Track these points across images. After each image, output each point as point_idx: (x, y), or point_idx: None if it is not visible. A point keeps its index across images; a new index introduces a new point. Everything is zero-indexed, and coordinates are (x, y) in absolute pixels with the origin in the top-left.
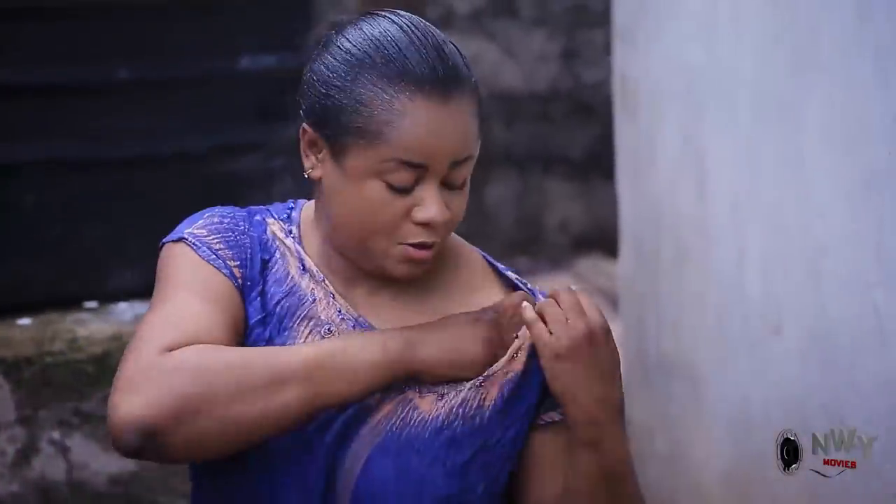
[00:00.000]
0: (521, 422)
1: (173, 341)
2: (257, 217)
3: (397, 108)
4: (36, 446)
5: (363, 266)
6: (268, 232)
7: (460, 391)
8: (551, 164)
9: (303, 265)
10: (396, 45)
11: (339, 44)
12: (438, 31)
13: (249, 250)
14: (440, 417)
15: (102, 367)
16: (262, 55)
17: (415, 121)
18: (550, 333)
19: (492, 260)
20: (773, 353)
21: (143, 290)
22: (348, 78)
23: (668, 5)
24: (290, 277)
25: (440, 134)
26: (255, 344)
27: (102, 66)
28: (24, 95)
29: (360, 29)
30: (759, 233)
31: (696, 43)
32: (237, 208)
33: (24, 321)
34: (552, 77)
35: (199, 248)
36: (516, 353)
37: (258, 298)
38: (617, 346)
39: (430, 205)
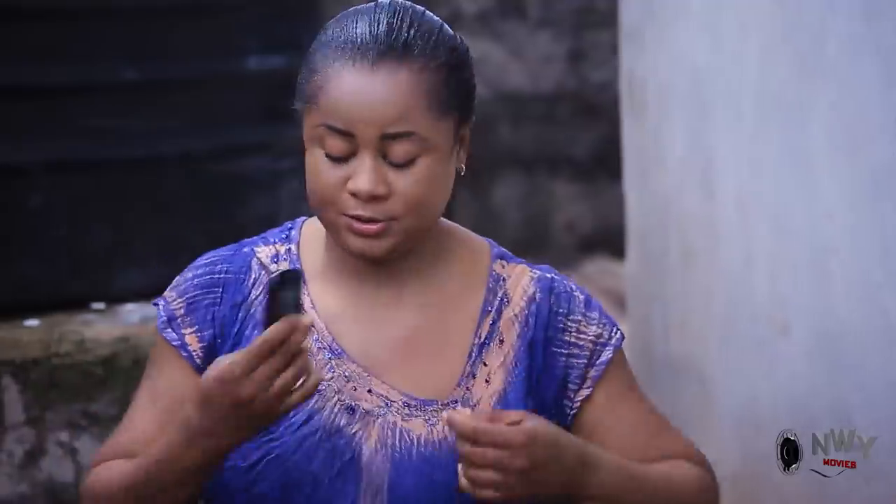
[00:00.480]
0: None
1: (105, 454)
2: (245, 249)
3: (329, 73)
4: (44, 448)
5: (339, 245)
6: (252, 264)
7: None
8: (558, 164)
9: None
10: (355, 18)
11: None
12: (421, 13)
13: (216, 308)
14: (450, 439)
15: (110, 368)
16: (268, 55)
17: (339, 86)
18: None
19: (500, 254)
20: (780, 353)
21: (151, 290)
22: (311, 50)
23: (675, 6)
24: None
25: (363, 102)
26: None
27: (108, 67)
28: (29, 96)
29: (348, 12)
30: (767, 233)
31: (702, 44)
32: (227, 248)
33: (31, 322)
34: (558, 78)
35: (163, 327)
36: (489, 375)
37: (234, 349)
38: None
39: (358, 175)
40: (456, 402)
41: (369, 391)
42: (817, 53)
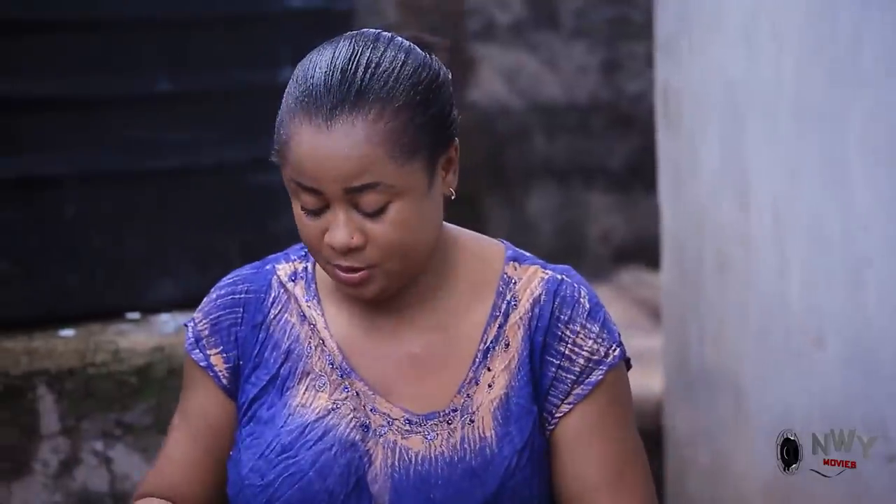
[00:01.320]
0: (530, 434)
1: (146, 491)
2: (267, 267)
3: (291, 129)
4: (78, 457)
5: None
6: (273, 283)
7: (452, 431)
8: (592, 175)
9: (302, 313)
10: (314, 66)
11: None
12: (383, 48)
13: (237, 328)
14: (446, 454)
15: (145, 378)
16: None
17: (299, 143)
18: None
19: (513, 256)
20: (815, 364)
21: (185, 301)
22: (283, 98)
23: (710, 17)
24: (288, 333)
25: (322, 160)
26: (257, 417)
27: (143, 78)
28: (65, 107)
29: (314, 50)
30: (802, 244)
31: (737, 55)
32: (251, 266)
33: (67, 333)
34: (593, 89)
35: (191, 348)
36: (492, 380)
37: (254, 373)
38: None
39: (332, 230)
40: (455, 410)
41: (372, 410)
42: (852, 63)
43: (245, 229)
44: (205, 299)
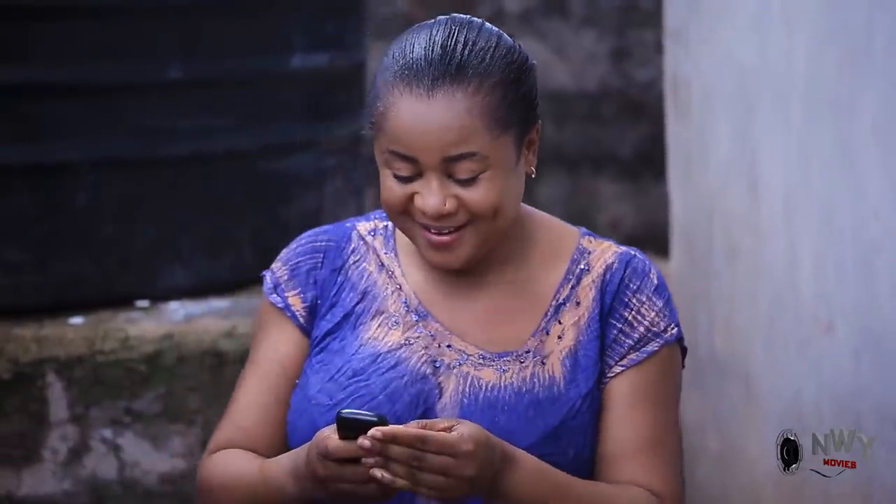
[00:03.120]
0: (595, 384)
1: (220, 442)
2: (347, 224)
3: (390, 101)
4: (88, 445)
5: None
6: (353, 236)
7: (524, 367)
8: (602, 163)
9: (381, 262)
10: (413, 42)
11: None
12: (477, 30)
13: (317, 271)
14: (515, 384)
15: (154, 366)
16: (313, 53)
17: (399, 113)
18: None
19: (587, 232)
20: (825, 351)
21: (195, 289)
22: (378, 73)
23: (720, 4)
24: (365, 278)
25: (422, 129)
26: (329, 348)
27: (154, 65)
28: (76, 94)
29: (407, 31)
30: (812, 231)
31: (748, 42)
32: (330, 225)
33: (76, 320)
34: (602, 76)
35: (269, 293)
36: (562, 332)
37: (330, 311)
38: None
39: (425, 196)
40: (528, 351)
41: (448, 346)
42: (864, 51)
43: (256, 216)
44: (284, 250)
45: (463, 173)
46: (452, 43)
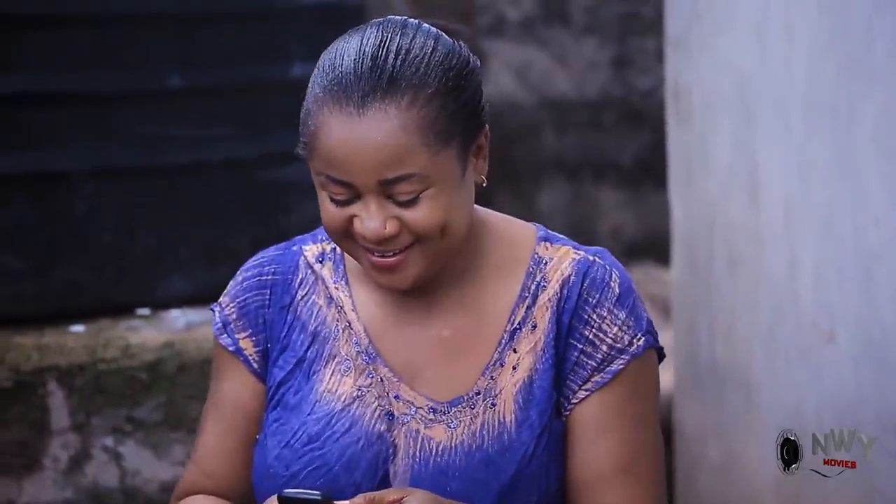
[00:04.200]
0: (549, 419)
1: (186, 487)
2: (294, 248)
3: (321, 119)
4: (89, 453)
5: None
6: (300, 263)
7: (475, 417)
8: (602, 171)
9: (330, 295)
10: (342, 55)
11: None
12: (412, 35)
13: (265, 310)
14: (465, 442)
15: (155, 374)
16: (312, 63)
17: (330, 133)
18: None
19: (545, 236)
20: (826, 360)
21: (196, 297)
22: (309, 87)
23: (721, 13)
24: (315, 315)
25: (354, 151)
26: (284, 402)
27: (154, 74)
28: (75, 103)
29: (339, 38)
30: (813, 239)
31: (748, 50)
32: (277, 247)
33: (77, 328)
34: (603, 84)
35: (219, 333)
36: (517, 362)
37: (281, 355)
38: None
39: (364, 220)
40: (478, 393)
41: (396, 397)
42: (864, 58)
43: (255, 225)
44: (231, 283)
45: (403, 195)
46: (384, 53)
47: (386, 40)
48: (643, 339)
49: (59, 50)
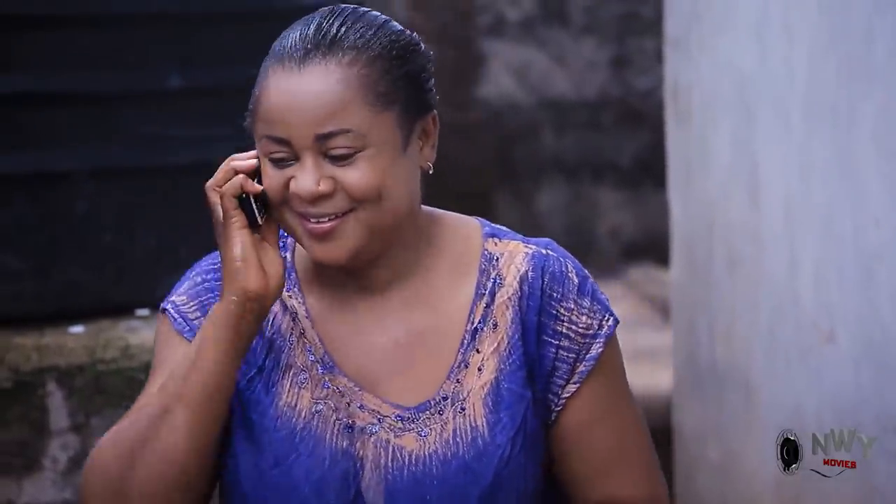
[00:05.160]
0: (523, 419)
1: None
2: None
3: (264, 84)
4: (88, 454)
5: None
6: None
7: (445, 423)
8: (602, 171)
9: (283, 303)
10: (291, 29)
11: None
12: (361, 13)
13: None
14: (439, 450)
15: None
16: None
17: (269, 93)
18: None
19: (491, 232)
20: (826, 360)
21: None
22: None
23: (720, 13)
24: (271, 322)
25: (291, 105)
26: (247, 418)
27: (153, 74)
28: (75, 103)
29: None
30: (812, 240)
31: (748, 50)
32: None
33: (77, 329)
34: (602, 85)
35: (176, 320)
36: (482, 363)
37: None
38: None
39: (298, 178)
40: (445, 398)
41: (360, 407)
42: (864, 58)
43: None
44: (185, 284)
45: (339, 152)
46: (330, 21)
47: (336, 13)
48: (610, 318)
49: (58, 50)
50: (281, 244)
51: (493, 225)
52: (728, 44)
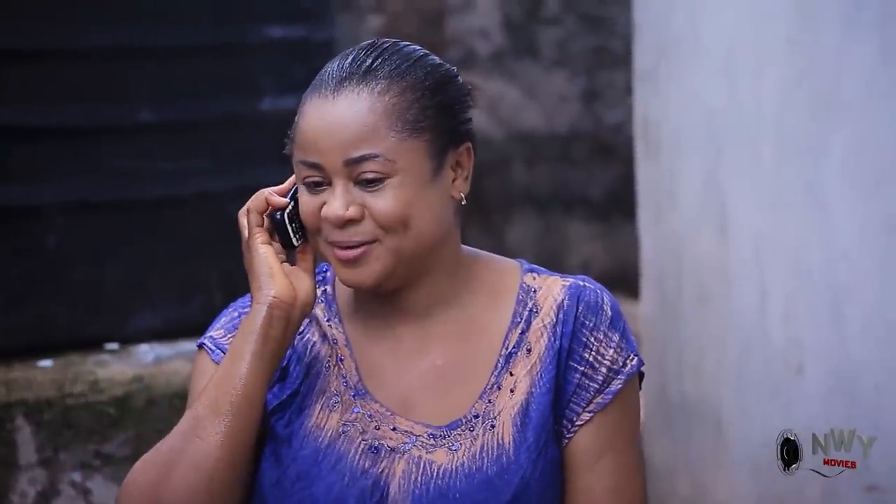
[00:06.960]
0: (545, 443)
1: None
2: None
3: (301, 110)
4: (57, 488)
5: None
6: None
7: (474, 439)
8: (572, 204)
9: (324, 332)
10: (333, 59)
11: None
12: (401, 47)
13: None
14: (466, 464)
15: (124, 408)
16: (283, 97)
17: (304, 119)
18: None
19: (531, 269)
20: (795, 394)
21: (165, 331)
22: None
23: (689, 47)
24: (309, 350)
25: (324, 130)
26: (276, 434)
27: (125, 108)
28: (46, 136)
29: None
30: (782, 274)
31: (717, 84)
32: None
33: (45, 363)
34: (573, 118)
35: (213, 351)
36: (514, 385)
37: (277, 384)
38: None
39: (329, 202)
40: (477, 416)
41: (393, 429)
42: (833, 94)
43: (226, 260)
44: (223, 319)
45: (367, 177)
46: (368, 52)
47: (377, 46)
48: (635, 359)
49: (31, 84)
50: (321, 278)
51: (533, 265)
52: (696, 78)
